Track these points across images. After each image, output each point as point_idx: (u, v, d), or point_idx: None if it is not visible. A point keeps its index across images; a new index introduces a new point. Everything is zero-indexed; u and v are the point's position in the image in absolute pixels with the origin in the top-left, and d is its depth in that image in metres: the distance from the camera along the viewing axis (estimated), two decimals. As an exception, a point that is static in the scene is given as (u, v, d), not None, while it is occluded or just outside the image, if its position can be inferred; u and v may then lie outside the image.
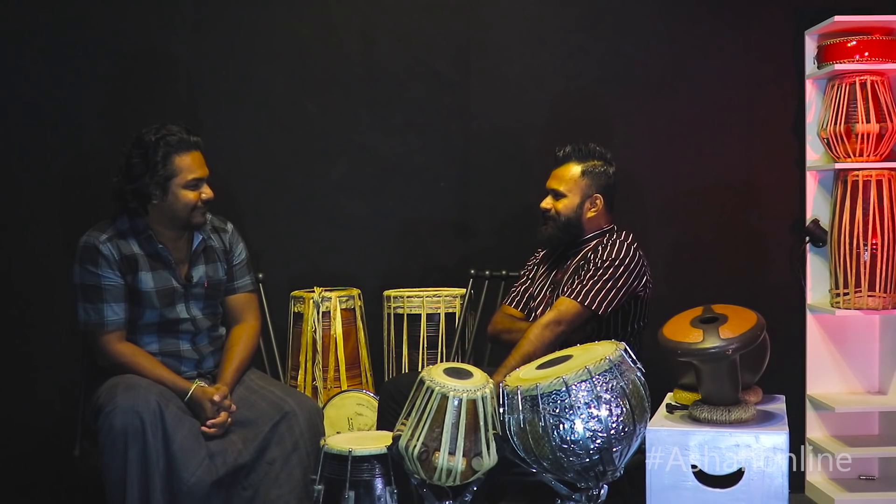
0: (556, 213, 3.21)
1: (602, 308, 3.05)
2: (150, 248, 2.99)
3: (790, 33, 3.83)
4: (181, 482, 2.79)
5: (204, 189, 2.99)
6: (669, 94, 3.89)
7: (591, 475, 2.46)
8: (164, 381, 2.92)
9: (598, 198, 3.21)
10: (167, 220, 2.98)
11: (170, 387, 2.92)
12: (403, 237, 3.91)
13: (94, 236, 2.94)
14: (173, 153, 2.92)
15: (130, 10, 3.78)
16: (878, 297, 3.54)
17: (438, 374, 2.54)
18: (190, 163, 2.95)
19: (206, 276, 3.07)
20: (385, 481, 2.62)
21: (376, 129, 3.89)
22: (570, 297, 3.06)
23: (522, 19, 3.89)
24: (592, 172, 3.20)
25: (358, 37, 3.88)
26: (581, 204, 3.20)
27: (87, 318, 2.94)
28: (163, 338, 3.02)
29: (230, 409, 2.94)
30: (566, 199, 3.20)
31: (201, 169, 2.98)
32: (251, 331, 3.16)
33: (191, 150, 2.96)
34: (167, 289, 2.99)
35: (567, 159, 3.22)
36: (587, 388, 2.41)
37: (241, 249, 3.18)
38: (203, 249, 3.09)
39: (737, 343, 2.63)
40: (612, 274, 3.07)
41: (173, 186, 2.93)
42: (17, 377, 3.75)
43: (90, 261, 2.92)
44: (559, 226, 3.21)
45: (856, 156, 3.58)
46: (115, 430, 2.73)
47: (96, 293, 2.92)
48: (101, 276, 2.91)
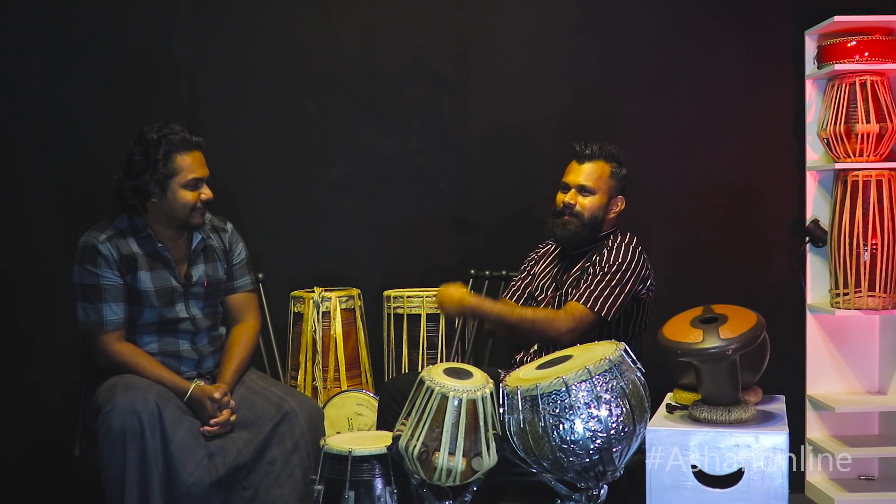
0: (581, 210, 3.18)
1: (609, 312, 3.06)
2: (149, 248, 2.99)
3: (790, 33, 3.83)
4: (180, 482, 2.80)
5: (203, 190, 2.99)
6: (669, 94, 3.89)
7: (591, 475, 2.46)
8: (164, 380, 2.92)
9: (620, 199, 3.22)
10: (166, 220, 2.98)
11: (169, 387, 2.91)
12: (403, 237, 3.91)
13: (93, 236, 2.95)
14: (175, 152, 2.93)
15: (131, 9, 3.78)
16: (878, 297, 3.53)
17: (438, 374, 2.54)
18: (191, 162, 2.95)
19: (206, 276, 3.07)
20: (385, 481, 2.61)
21: (376, 129, 3.89)
22: (581, 304, 3.05)
23: (522, 19, 3.89)
24: (617, 174, 3.21)
25: (358, 37, 3.88)
26: (608, 204, 3.19)
27: (87, 318, 2.94)
28: (162, 337, 3.02)
29: (231, 406, 2.94)
30: (595, 197, 3.18)
31: (201, 169, 2.98)
32: (251, 331, 3.16)
33: (192, 149, 2.96)
34: (166, 288, 3.00)
35: (596, 157, 3.19)
36: (587, 388, 2.41)
37: (241, 249, 3.18)
38: (202, 249, 3.09)
39: (737, 343, 2.63)
40: (619, 279, 3.08)
41: (173, 185, 2.94)
42: (17, 377, 3.75)
43: (89, 260, 2.92)
44: (583, 223, 3.18)
45: (856, 156, 3.58)
46: (113, 431, 2.73)
47: (95, 293, 2.92)
48: (101, 276, 2.92)
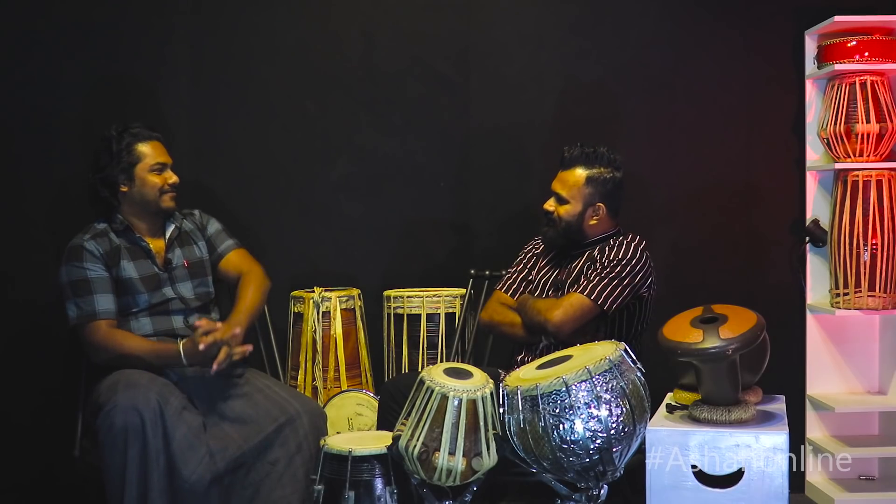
0: (557, 217, 3.20)
1: (608, 304, 3.05)
2: (128, 240, 3.11)
3: (790, 33, 3.83)
4: (182, 480, 2.80)
5: (168, 174, 3.14)
6: (669, 94, 3.89)
7: (591, 475, 2.46)
8: (158, 351, 2.97)
9: (600, 206, 3.17)
10: (140, 209, 3.12)
11: (164, 356, 2.96)
12: (403, 237, 3.91)
13: (77, 238, 3.09)
14: (135, 142, 3.12)
15: (131, 9, 3.78)
16: (878, 297, 3.53)
17: (438, 374, 2.54)
18: (151, 149, 3.13)
19: (184, 257, 3.18)
20: (385, 481, 2.62)
21: (376, 129, 3.89)
22: (579, 293, 3.06)
23: (522, 19, 3.89)
24: (597, 180, 3.16)
25: (358, 37, 3.88)
26: (583, 212, 3.18)
27: (80, 312, 3.00)
28: (155, 318, 3.09)
29: (237, 335, 2.95)
30: (568, 206, 3.18)
31: (163, 156, 3.15)
32: (257, 275, 3.24)
33: (152, 139, 3.15)
34: (150, 275, 3.11)
35: (574, 163, 3.17)
36: (587, 389, 2.41)
37: (213, 221, 3.32)
38: (177, 236, 3.20)
39: (737, 343, 2.63)
40: (618, 273, 3.08)
41: (139, 171, 3.10)
42: (17, 376, 3.75)
43: (75, 258, 3.03)
44: (559, 230, 3.21)
45: (856, 156, 3.58)
46: (115, 429, 2.74)
47: (85, 286, 3.00)
48: (88, 270, 3.02)
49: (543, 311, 3.07)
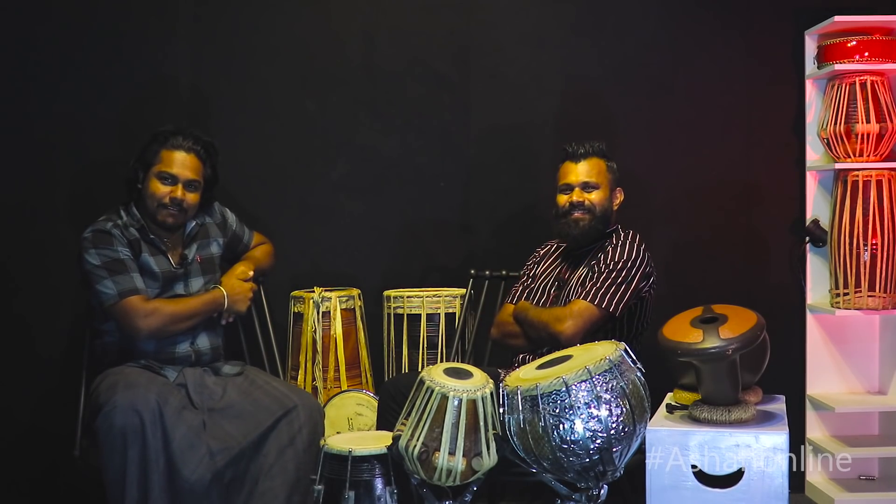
0: (591, 205, 3.22)
1: (615, 307, 3.07)
2: (145, 236, 3.11)
3: (790, 33, 3.83)
4: (182, 480, 2.80)
5: (176, 188, 3.09)
6: (669, 94, 3.89)
7: (591, 475, 2.46)
8: (205, 301, 3.12)
9: (619, 191, 3.30)
10: (147, 211, 3.12)
11: (211, 303, 3.13)
12: (403, 237, 3.91)
13: (100, 224, 3.07)
14: (163, 145, 3.10)
15: (131, 9, 3.78)
16: (878, 297, 3.54)
17: (438, 374, 2.54)
18: (173, 158, 3.09)
19: (198, 252, 3.20)
20: (385, 481, 2.61)
21: (376, 129, 3.89)
22: (587, 301, 3.06)
23: (522, 19, 3.89)
24: (612, 168, 3.28)
25: (358, 37, 3.88)
26: (611, 197, 3.26)
27: (120, 288, 2.99)
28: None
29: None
30: (599, 191, 3.23)
31: (182, 169, 3.10)
32: (269, 244, 3.48)
33: (181, 150, 3.10)
34: (167, 271, 3.11)
35: (591, 154, 3.25)
36: (587, 388, 2.41)
37: (228, 212, 3.38)
38: (196, 232, 3.22)
39: (737, 343, 2.63)
40: (625, 276, 3.10)
41: (150, 173, 3.10)
42: (17, 376, 3.75)
43: (104, 242, 3.03)
44: (596, 216, 3.22)
45: (856, 156, 3.58)
46: (114, 429, 2.74)
47: (121, 265, 3.02)
48: (120, 251, 3.03)
49: (552, 323, 3.07)
